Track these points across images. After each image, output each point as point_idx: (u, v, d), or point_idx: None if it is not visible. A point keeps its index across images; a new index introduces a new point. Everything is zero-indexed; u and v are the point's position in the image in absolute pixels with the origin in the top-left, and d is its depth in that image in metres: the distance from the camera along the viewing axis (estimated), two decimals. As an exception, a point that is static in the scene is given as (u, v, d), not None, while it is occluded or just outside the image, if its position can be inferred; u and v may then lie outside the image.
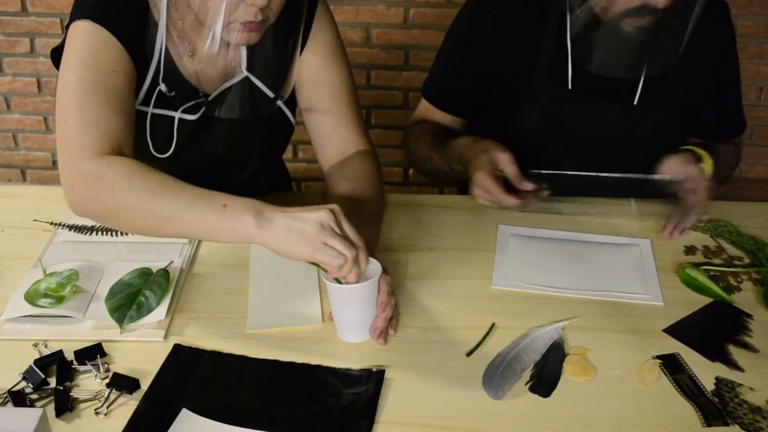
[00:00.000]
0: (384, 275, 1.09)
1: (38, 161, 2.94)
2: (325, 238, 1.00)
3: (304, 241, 1.00)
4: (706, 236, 1.34)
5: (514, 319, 1.14)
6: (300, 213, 1.02)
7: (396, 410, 0.98)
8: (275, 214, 1.02)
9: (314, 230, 1.00)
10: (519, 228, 1.36)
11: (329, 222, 1.01)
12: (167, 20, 1.22)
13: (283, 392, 1.00)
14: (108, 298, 1.12)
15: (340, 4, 2.52)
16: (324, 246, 1.00)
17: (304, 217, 1.01)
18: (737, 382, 1.03)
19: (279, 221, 1.02)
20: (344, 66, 1.38)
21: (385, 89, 2.70)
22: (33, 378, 1.00)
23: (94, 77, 1.15)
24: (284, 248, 1.01)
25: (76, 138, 1.12)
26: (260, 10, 1.12)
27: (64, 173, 1.13)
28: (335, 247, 1.01)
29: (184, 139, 1.32)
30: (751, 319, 1.15)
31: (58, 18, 2.62)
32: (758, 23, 2.45)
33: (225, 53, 1.18)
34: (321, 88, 1.36)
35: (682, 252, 1.30)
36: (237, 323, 1.12)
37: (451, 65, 1.56)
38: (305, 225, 1.01)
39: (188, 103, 1.29)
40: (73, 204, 1.12)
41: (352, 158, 1.36)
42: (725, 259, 1.28)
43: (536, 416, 0.97)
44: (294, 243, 1.01)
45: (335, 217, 1.03)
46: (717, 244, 1.31)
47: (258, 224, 1.01)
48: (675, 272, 1.23)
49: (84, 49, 1.17)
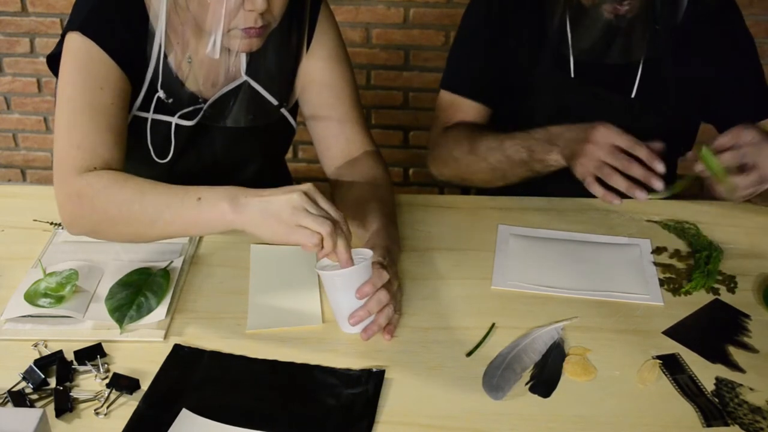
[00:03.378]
0: (380, 269, 1.08)
1: (38, 161, 2.94)
2: (299, 219, 1.01)
3: (278, 223, 1.02)
4: (671, 235, 1.34)
5: (514, 319, 1.14)
6: (274, 196, 1.03)
7: (396, 410, 0.98)
8: (249, 198, 1.04)
9: (288, 213, 1.02)
10: (519, 228, 1.36)
11: (302, 203, 1.02)
12: (166, 26, 1.22)
13: (283, 392, 1.00)
14: (108, 298, 1.12)
15: (340, 4, 2.52)
16: (297, 227, 1.01)
17: (277, 200, 1.03)
18: (737, 382, 1.03)
19: (254, 205, 1.03)
20: (348, 68, 1.38)
21: (385, 89, 2.71)
22: (33, 378, 1.00)
23: (83, 96, 1.18)
24: (261, 231, 1.03)
25: (63, 159, 1.16)
26: (261, 15, 1.12)
27: (56, 194, 1.18)
28: (308, 226, 1.01)
29: (183, 144, 1.32)
30: (749, 320, 1.15)
31: (58, 18, 2.62)
32: (758, 23, 2.45)
33: (226, 59, 1.19)
34: (326, 90, 1.36)
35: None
36: (237, 323, 1.12)
37: (471, 52, 1.53)
38: (279, 207, 1.02)
39: (186, 109, 1.29)
40: (65, 223, 1.17)
41: (360, 159, 1.36)
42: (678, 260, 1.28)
43: (536, 416, 0.97)
44: (269, 225, 1.02)
45: (308, 197, 1.03)
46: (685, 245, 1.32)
47: (234, 210, 1.04)
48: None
49: (74, 66, 1.19)
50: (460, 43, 1.57)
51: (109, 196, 1.11)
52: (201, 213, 1.06)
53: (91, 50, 1.19)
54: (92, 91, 1.18)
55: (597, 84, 1.45)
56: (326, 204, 1.05)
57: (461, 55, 1.56)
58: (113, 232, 1.14)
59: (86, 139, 1.16)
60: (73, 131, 1.17)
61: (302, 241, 1.02)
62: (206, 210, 1.05)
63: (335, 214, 1.05)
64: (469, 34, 1.55)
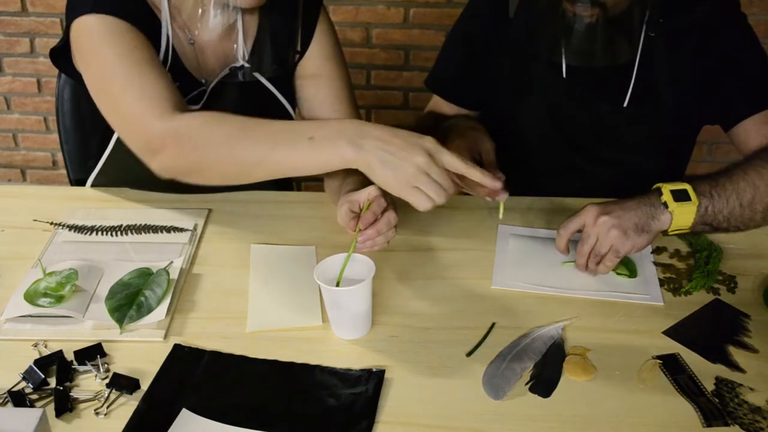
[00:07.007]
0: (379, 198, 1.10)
1: (38, 161, 2.93)
2: (418, 182, 1.01)
3: (395, 178, 1.02)
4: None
5: (514, 319, 1.14)
6: (398, 148, 1.02)
7: (396, 410, 0.98)
8: (368, 140, 1.02)
9: (410, 173, 1.01)
10: (519, 228, 1.36)
11: (425, 167, 1.01)
12: (169, 11, 1.23)
13: (283, 392, 1.00)
14: (108, 298, 1.12)
15: (340, 4, 2.52)
16: (414, 189, 1.01)
17: (400, 155, 1.01)
18: (737, 382, 1.03)
19: (374, 148, 1.02)
20: (344, 67, 1.42)
21: (385, 89, 2.71)
22: (33, 378, 1.00)
23: (121, 61, 1.16)
24: (374, 176, 1.03)
25: (134, 115, 1.14)
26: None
27: (141, 144, 1.15)
28: (426, 192, 1.01)
29: None
30: (749, 320, 1.15)
31: (58, 18, 2.62)
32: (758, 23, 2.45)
33: (226, 21, 1.20)
34: (324, 89, 1.39)
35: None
36: (237, 323, 1.12)
37: (455, 53, 1.57)
38: (401, 164, 1.01)
39: (191, 93, 1.30)
40: (160, 167, 1.15)
41: None
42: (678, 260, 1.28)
43: (536, 416, 0.97)
44: (385, 175, 1.02)
45: (433, 160, 1.02)
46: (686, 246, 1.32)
47: (354, 149, 1.02)
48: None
49: (100, 43, 1.18)
50: (447, 42, 1.60)
51: (209, 133, 1.09)
52: (317, 153, 1.04)
53: (110, 23, 1.18)
54: (129, 52, 1.16)
55: (589, 88, 1.44)
56: (451, 159, 1.03)
57: (444, 56, 1.60)
58: (215, 172, 1.12)
59: (146, 88, 1.14)
60: (129, 89, 1.15)
61: (416, 204, 1.02)
62: (322, 150, 1.03)
63: (448, 184, 1.03)
64: (458, 34, 1.58)
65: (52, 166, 2.94)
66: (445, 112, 1.59)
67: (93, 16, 1.18)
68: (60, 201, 1.41)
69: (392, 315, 1.14)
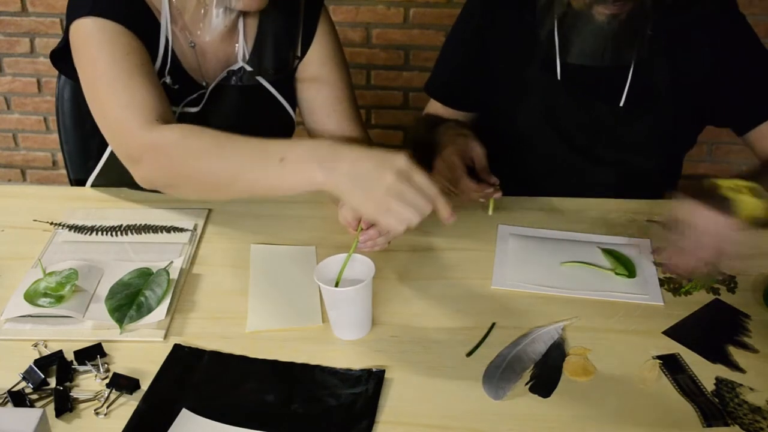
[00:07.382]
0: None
1: (38, 161, 2.93)
2: (389, 204, 0.96)
3: (368, 200, 0.97)
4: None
5: (514, 319, 1.14)
6: (367, 170, 0.97)
7: (396, 410, 0.98)
8: (339, 163, 0.98)
9: (380, 193, 0.96)
10: (519, 228, 1.36)
11: (397, 188, 0.96)
12: (170, 13, 1.24)
13: (283, 392, 1.00)
14: (108, 298, 1.12)
15: (340, 4, 2.52)
16: (387, 211, 0.97)
17: (371, 176, 0.97)
18: (737, 382, 1.03)
19: (344, 171, 0.98)
20: (347, 71, 1.42)
21: (385, 89, 2.71)
22: (33, 378, 1.00)
23: (113, 66, 1.16)
24: (347, 198, 0.99)
25: (118, 121, 1.14)
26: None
27: (123, 151, 1.16)
28: (400, 213, 0.97)
29: None
30: (749, 320, 1.15)
31: (58, 18, 2.62)
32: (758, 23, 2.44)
33: (228, 23, 1.21)
34: (325, 89, 1.39)
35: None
36: (237, 323, 1.12)
37: (452, 58, 1.58)
38: (371, 185, 0.97)
39: (191, 96, 1.31)
40: (140, 178, 1.15)
41: None
42: None
43: (536, 416, 0.97)
44: (357, 197, 0.98)
45: (404, 178, 0.96)
46: None
47: (324, 172, 0.98)
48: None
49: (95, 46, 1.18)
50: (445, 47, 1.61)
51: (185, 148, 1.08)
52: (287, 176, 1.00)
53: (106, 27, 1.18)
54: (122, 59, 1.17)
55: (584, 89, 1.44)
56: (422, 179, 0.98)
57: (442, 61, 1.61)
58: (190, 187, 1.12)
59: (134, 96, 1.14)
60: (117, 96, 1.15)
61: (390, 227, 0.98)
62: (292, 173, 1.00)
63: (430, 189, 0.98)
64: (454, 38, 1.58)
65: (52, 166, 2.94)
66: (443, 114, 1.59)
67: (90, 18, 1.18)
68: (60, 201, 1.41)
69: (392, 315, 1.14)
